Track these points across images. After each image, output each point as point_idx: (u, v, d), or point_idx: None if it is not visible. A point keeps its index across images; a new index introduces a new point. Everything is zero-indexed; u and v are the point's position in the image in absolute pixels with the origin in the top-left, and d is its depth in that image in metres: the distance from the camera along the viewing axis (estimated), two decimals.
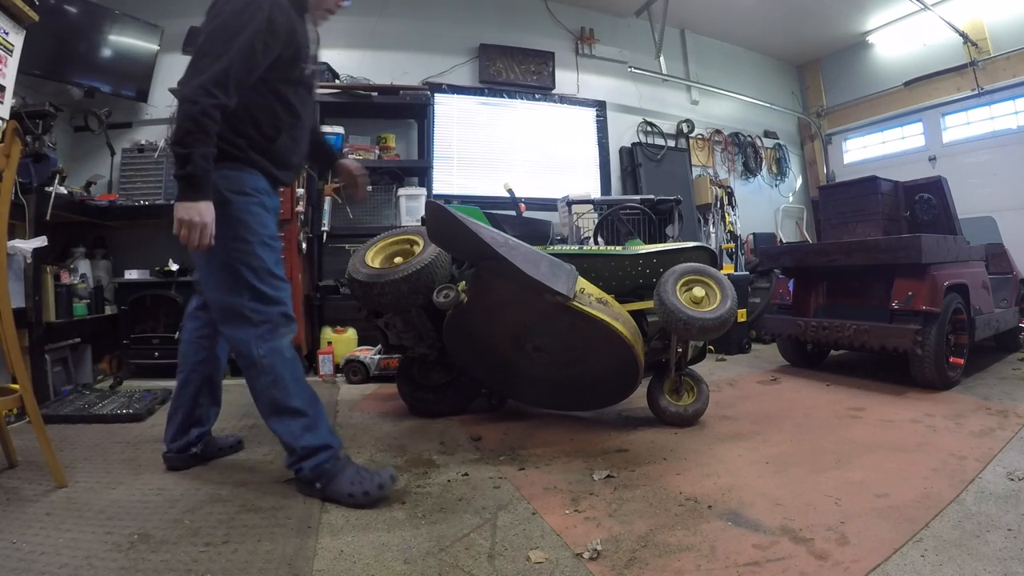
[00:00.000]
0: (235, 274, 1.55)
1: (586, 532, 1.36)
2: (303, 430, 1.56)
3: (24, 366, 1.76)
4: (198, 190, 1.44)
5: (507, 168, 4.95)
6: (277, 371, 1.56)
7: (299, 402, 1.57)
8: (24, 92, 3.13)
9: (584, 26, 5.45)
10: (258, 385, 1.58)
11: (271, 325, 1.57)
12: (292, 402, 1.57)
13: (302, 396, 1.59)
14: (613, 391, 2.27)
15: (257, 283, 1.56)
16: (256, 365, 1.56)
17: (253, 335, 1.55)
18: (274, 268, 1.60)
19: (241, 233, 1.56)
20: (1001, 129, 5.29)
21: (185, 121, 1.41)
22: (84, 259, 3.41)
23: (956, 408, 2.42)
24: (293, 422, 1.56)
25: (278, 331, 1.58)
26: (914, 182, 3.52)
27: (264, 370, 1.55)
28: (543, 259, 1.84)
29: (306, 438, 1.56)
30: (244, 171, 1.59)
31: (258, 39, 1.48)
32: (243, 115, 1.55)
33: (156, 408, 2.63)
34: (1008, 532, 1.30)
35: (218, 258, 1.55)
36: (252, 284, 1.55)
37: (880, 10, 5.58)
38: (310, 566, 1.22)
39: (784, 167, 6.57)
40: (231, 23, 1.47)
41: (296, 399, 1.57)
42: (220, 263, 1.56)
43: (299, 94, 1.68)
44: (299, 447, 1.56)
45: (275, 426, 1.59)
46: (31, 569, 1.18)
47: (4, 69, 2.61)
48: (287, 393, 1.56)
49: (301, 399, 1.58)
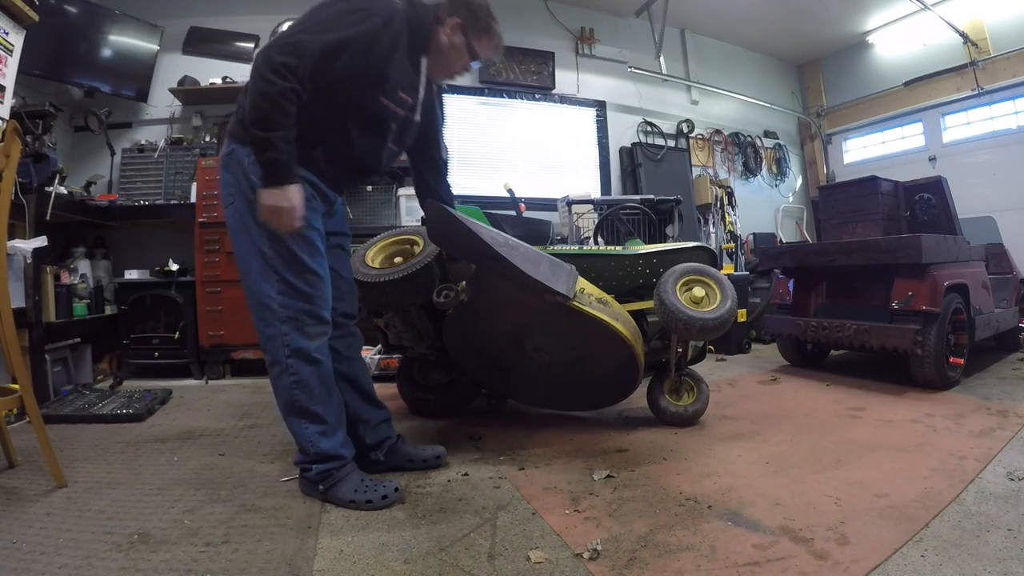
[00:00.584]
0: (267, 263, 1.50)
1: (586, 532, 1.36)
2: (319, 435, 1.55)
3: (24, 366, 1.76)
4: (282, 176, 1.40)
5: (507, 168, 4.95)
6: (301, 373, 1.52)
7: (320, 407, 1.54)
8: (24, 92, 3.13)
9: (584, 26, 5.45)
10: (280, 383, 1.54)
11: (297, 323, 1.51)
12: (313, 406, 1.54)
13: (325, 402, 1.55)
14: (613, 391, 2.27)
15: (288, 275, 1.50)
16: (280, 363, 1.52)
17: (279, 332, 1.51)
18: (310, 262, 1.52)
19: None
20: (1001, 129, 5.29)
21: (263, 102, 1.36)
22: (84, 259, 3.40)
23: (956, 408, 2.42)
24: (311, 426, 1.54)
25: (306, 331, 1.52)
26: (914, 182, 3.52)
27: (288, 370, 1.51)
28: (543, 259, 1.84)
29: (321, 443, 1.54)
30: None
31: (349, 46, 1.44)
32: (310, 126, 1.50)
33: (156, 408, 2.63)
34: (1008, 532, 1.30)
35: (255, 246, 1.51)
36: (283, 276, 1.50)
37: (880, 10, 5.58)
38: (310, 566, 1.22)
39: (784, 167, 6.57)
40: (337, 18, 1.43)
41: (318, 404, 1.54)
42: (255, 251, 1.51)
43: (362, 124, 1.58)
44: (313, 451, 1.55)
45: (292, 425, 1.57)
46: (31, 569, 1.18)
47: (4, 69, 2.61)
48: (310, 396, 1.53)
49: (323, 405, 1.55)
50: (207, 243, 3.38)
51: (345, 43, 1.43)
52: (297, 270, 1.51)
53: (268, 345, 1.53)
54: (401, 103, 1.61)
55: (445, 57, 1.66)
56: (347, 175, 1.69)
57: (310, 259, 1.53)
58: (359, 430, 1.74)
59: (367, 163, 1.68)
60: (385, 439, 1.79)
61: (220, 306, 3.37)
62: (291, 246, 1.50)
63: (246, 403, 2.80)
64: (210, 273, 3.38)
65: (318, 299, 1.54)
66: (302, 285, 1.52)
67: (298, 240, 1.50)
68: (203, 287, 3.38)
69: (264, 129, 1.37)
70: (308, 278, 1.52)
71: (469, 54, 1.67)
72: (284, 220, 1.41)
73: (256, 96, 1.38)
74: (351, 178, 1.75)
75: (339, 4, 1.46)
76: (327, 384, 1.57)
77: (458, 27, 1.62)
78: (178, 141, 3.96)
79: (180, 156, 3.88)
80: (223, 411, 2.64)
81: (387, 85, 1.55)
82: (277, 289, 1.50)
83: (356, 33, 1.44)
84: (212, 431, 2.29)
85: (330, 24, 1.43)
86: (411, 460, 1.81)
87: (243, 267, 1.55)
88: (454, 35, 1.63)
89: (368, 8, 1.47)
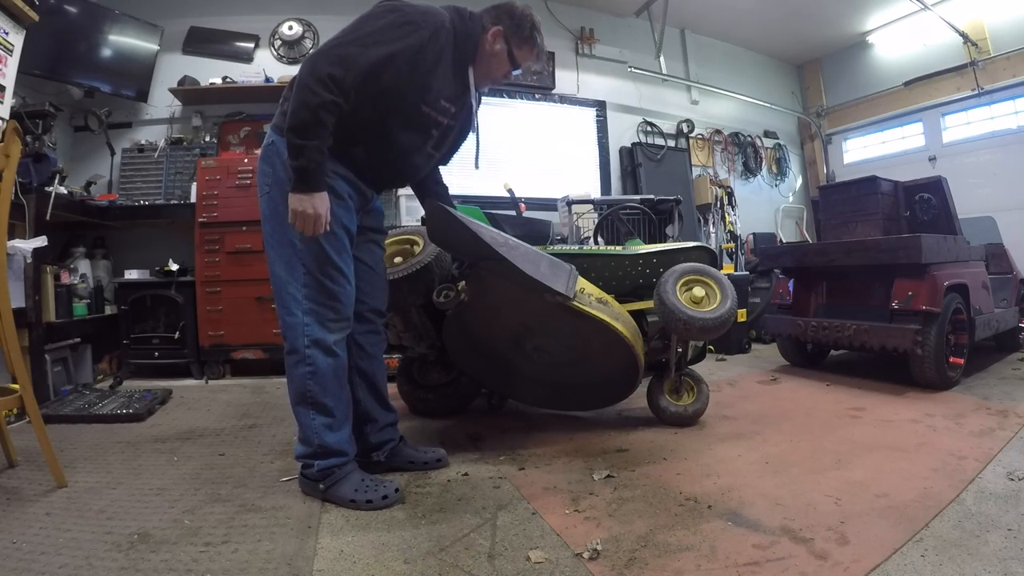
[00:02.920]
0: (296, 255, 1.53)
1: (586, 532, 1.36)
2: (325, 428, 1.56)
3: (24, 366, 1.76)
4: (310, 183, 1.43)
5: (507, 168, 4.94)
6: (318, 363, 1.54)
7: (331, 400, 1.56)
8: (24, 92, 3.13)
9: (584, 26, 5.45)
10: (295, 372, 1.56)
11: (319, 315, 1.54)
12: (324, 398, 1.55)
13: (337, 396, 1.57)
14: (613, 391, 2.27)
15: (315, 269, 1.53)
16: (298, 352, 1.54)
17: (300, 321, 1.53)
18: (336, 259, 1.55)
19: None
20: (1001, 129, 5.29)
21: (304, 110, 1.39)
22: (84, 259, 3.41)
23: (956, 408, 2.42)
24: (319, 417, 1.56)
25: (327, 324, 1.54)
26: (914, 182, 3.51)
27: (305, 359, 1.54)
28: (543, 259, 1.84)
29: (326, 436, 1.56)
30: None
31: (396, 60, 1.46)
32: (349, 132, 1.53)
33: (156, 408, 2.63)
34: (1008, 532, 1.30)
35: (286, 236, 1.53)
36: (309, 269, 1.53)
37: (880, 10, 5.58)
38: (310, 566, 1.22)
39: (784, 167, 6.57)
40: (385, 31, 1.46)
41: (329, 397, 1.56)
42: (286, 241, 1.54)
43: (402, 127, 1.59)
44: (317, 443, 1.56)
45: (299, 415, 1.58)
46: (31, 569, 1.18)
47: (4, 69, 2.61)
48: (323, 388, 1.55)
49: (334, 398, 1.56)
50: (207, 243, 3.39)
51: (392, 57, 1.46)
52: (324, 266, 1.53)
53: (288, 333, 1.56)
54: (443, 111, 1.63)
55: (487, 65, 1.68)
56: (385, 176, 1.71)
57: (337, 256, 1.55)
58: (365, 428, 1.75)
59: (406, 166, 1.69)
60: (388, 441, 1.80)
61: (220, 306, 3.37)
62: (321, 241, 1.52)
63: (246, 403, 2.80)
64: (210, 273, 3.38)
65: (341, 295, 1.57)
66: (327, 281, 1.54)
67: (328, 236, 1.52)
68: (203, 287, 3.38)
69: (301, 137, 1.40)
70: (333, 274, 1.55)
71: (510, 62, 1.69)
72: (309, 225, 1.45)
73: (298, 103, 1.41)
74: (389, 179, 1.76)
75: (390, 15, 1.48)
76: (340, 379, 1.59)
77: (500, 35, 1.64)
78: (178, 141, 3.97)
79: (180, 156, 3.89)
80: (223, 411, 2.64)
81: (429, 95, 1.57)
82: (303, 281, 1.53)
83: (404, 47, 1.47)
84: (212, 431, 2.29)
85: (379, 36, 1.45)
86: (411, 462, 1.82)
87: (272, 255, 1.58)
88: (496, 43, 1.65)
89: (417, 21, 1.50)
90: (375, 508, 1.52)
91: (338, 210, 1.54)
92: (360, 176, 1.62)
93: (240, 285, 3.36)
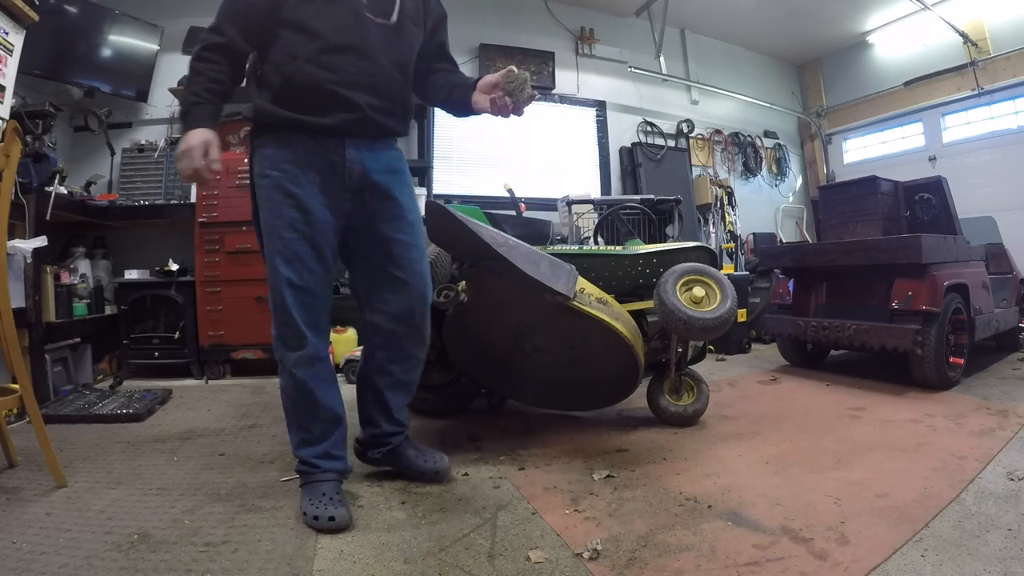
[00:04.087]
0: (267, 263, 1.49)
1: (586, 532, 1.36)
2: (301, 442, 1.53)
3: (24, 366, 1.76)
4: (185, 123, 1.41)
5: (507, 168, 4.94)
6: (284, 381, 1.50)
7: (305, 420, 1.50)
8: (24, 92, 3.13)
9: (584, 26, 5.45)
10: (280, 382, 1.52)
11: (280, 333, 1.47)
12: (297, 416, 1.52)
13: (310, 415, 1.50)
14: (613, 391, 2.27)
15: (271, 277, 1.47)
16: (280, 362, 1.50)
17: (276, 335, 1.49)
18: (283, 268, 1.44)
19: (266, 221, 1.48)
20: (1001, 129, 5.29)
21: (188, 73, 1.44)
22: (84, 259, 3.41)
23: (956, 408, 2.42)
24: (295, 432, 1.53)
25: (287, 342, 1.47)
26: (914, 182, 3.51)
27: (281, 371, 1.50)
28: (543, 259, 1.84)
29: (300, 450, 1.53)
30: (266, 146, 1.48)
31: None
32: (267, 69, 1.45)
33: (156, 408, 2.63)
34: (1008, 532, 1.30)
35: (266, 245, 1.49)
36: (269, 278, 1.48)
37: (880, 10, 5.58)
38: (310, 566, 1.22)
39: (784, 167, 6.57)
40: None
41: (304, 417, 1.50)
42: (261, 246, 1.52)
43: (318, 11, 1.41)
44: (293, 451, 1.55)
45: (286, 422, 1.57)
46: (31, 569, 1.18)
47: (4, 69, 2.61)
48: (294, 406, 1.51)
49: (309, 418, 1.50)
50: (207, 243, 3.38)
51: None
52: (272, 277, 1.46)
53: (273, 344, 1.51)
54: None
55: None
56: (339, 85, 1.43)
57: (285, 265, 1.43)
58: (367, 428, 1.71)
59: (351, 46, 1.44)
60: (387, 445, 1.70)
61: (220, 306, 3.37)
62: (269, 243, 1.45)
63: (246, 403, 2.79)
64: (210, 273, 3.38)
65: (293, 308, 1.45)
66: (276, 296, 1.46)
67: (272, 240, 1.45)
68: (203, 287, 3.38)
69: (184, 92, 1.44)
70: (280, 287, 1.45)
71: None
72: (183, 163, 1.38)
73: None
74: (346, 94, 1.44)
75: None
76: (310, 400, 1.49)
77: None
78: (178, 141, 3.95)
79: None
80: (223, 411, 2.64)
81: None
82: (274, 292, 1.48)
83: None
84: (212, 431, 2.29)
85: None
86: (408, 468, 1.70)
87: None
88: None
89: None
90: (316, 528, 1.39)
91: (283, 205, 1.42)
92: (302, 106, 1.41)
93: (240, 285, 3.35)
